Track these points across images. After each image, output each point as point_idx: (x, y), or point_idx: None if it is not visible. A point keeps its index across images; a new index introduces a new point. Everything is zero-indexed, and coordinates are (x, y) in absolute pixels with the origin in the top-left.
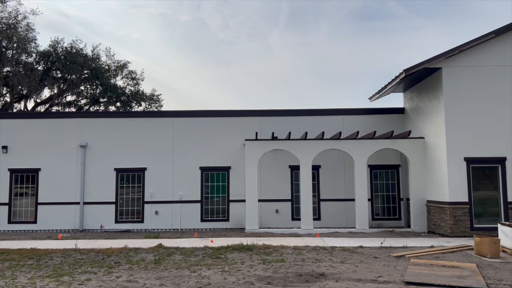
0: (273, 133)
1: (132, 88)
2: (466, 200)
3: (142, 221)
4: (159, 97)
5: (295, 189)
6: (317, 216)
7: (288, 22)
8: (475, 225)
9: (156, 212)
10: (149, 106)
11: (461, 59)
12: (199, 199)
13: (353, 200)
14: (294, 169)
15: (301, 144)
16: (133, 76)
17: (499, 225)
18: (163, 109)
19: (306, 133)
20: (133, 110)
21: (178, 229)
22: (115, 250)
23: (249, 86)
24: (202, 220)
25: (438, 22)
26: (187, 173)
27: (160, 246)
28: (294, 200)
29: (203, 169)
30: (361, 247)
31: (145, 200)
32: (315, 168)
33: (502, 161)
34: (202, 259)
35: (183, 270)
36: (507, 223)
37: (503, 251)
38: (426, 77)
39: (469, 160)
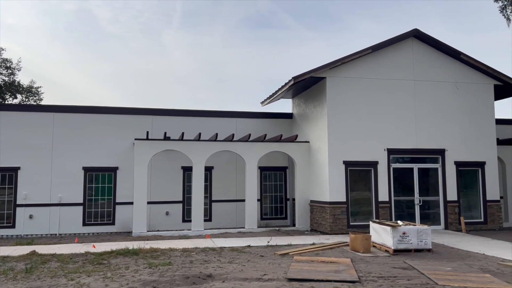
0: (165, 133)
1: (6, 78)
2: (344, 200)
3: (13, 226)
4: (39, 90)
5: (187, 190)
6: (208, 217)
7: (182, 21)
8: (351, 223)
9: (31, 216)
10: (26, 100)
11: (343, 70)
12: (82, 201)
13: (243, 200)
14: (187, 170)
15: (195, 145)
16: (8, 65)
17: (370, 223)
18: (42, 103)
19: (200, 134)
20: (6, 102)
21: (56, 234)
22: None
23: (139, 84)
24: (85, 224)
25: (323, 35)
26: (68, 174)
27: (33, 253)
28: (186, 201)
29: (86, 169)
30: (249, 246)
31: (18, 203)
32: (208, 169)
33: (374, 164)
34: (82, 265)
35: (59, 278)
36: (377, 220)
37: (374, 246)
38: (312, 86)
39: (347, 163)
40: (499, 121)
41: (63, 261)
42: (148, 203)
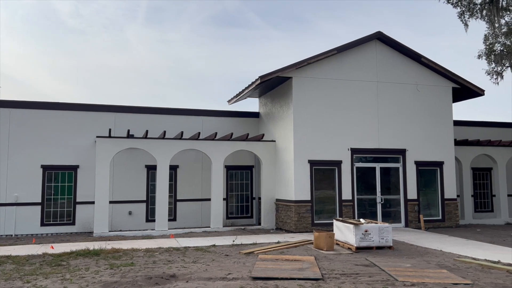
0: (128, 131)
1: None
2: (309, 198)
3: None
4: None
5: (151, 189)
6: (173, 216)
7: (147, 17)
8: (315, 221)
9: None
10: None
11: (308, 70)
12: (40, 201)
13: (209, 199)
14: (151, 169)
15: (159, 143)
16: None
17: (334, 221)
18: None
19: (165, 132)
20: None
21: (12, 235)
22: None
23: (102, 80)
24: (43, 224)
25: (290, 36)
26: (25, 172)
27: None
28: (150, 201)
29: (45, 167)
30: (214, 246)
31: None
32: (173, 168)
33: (338, 164)
34: (39, 267)
35: (14, 281)
36: (341, 218)
37: (337, 243)
38: (279, 85)
39: (312, 162)
40: (457, 123)
41: (18, 263)
42: (110, 202)
